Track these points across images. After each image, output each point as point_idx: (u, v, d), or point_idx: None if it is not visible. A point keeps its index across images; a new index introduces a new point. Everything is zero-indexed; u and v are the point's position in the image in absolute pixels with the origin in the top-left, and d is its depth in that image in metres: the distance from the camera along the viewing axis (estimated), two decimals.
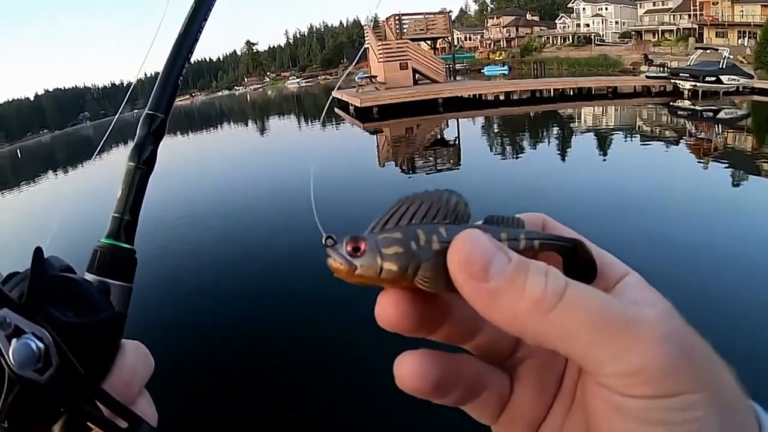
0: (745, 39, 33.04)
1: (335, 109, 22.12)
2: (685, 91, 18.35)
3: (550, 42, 50.64)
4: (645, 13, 45.43)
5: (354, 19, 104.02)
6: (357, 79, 22.36)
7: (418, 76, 22.25)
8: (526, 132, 15.59)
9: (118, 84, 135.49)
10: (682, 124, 14.57)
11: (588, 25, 50.22)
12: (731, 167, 8.94)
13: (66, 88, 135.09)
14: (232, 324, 4.49)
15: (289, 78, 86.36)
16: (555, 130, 15.27)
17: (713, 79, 17.95)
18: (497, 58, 48.78)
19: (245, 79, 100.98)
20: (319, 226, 0.23)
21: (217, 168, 13.86)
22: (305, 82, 74.54)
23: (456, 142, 14.25)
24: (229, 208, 8.52)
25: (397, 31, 22.57)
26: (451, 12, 27.99)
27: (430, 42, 25.07)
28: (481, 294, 0.19)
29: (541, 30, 54.88)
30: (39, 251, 0.27)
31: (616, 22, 49.39)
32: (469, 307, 0.20)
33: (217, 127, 33.15)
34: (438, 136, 15.44)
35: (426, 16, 24.19)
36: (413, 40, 22.87)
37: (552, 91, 20.76)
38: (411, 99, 18.41)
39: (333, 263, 0.21)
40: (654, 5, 45.07)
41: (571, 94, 20.40)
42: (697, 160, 9.96)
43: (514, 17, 57.42)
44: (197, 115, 48.77)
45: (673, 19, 41.78)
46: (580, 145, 12.27)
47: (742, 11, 34.50)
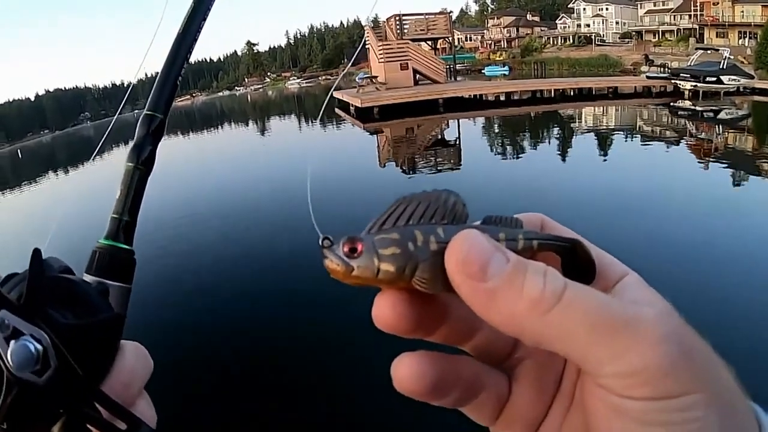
0: (746, 39, 33.05)
1: (336, 109, 22.12)
2: (686, 92, 18.34)
3: (551, 42, 50.64)
4: (645, 13, 45.42)
5: (355, 20, 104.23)
6: (357, 80, 22.41)
7: (418, 76, 22.23)
8: (527, 132, 15.58)
9: (118, 84, 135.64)
10: (682, 125, 14.56)
11: (588, 25, 50.24)
12: (731, 167, 8.94)
13: (66, 89, 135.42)
14: (232, 324, 4.48)
15: (290, 78, 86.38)
16: (556, 131, 15.27)
17: (714, 79, 17.95)
18: (498, 59, 48.73)
19: (246, 79, 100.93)
20: (315, 226, 0.22)
21: (217, 168, 13.85)
22: (306, 83, 74.51)
23: (456, 142, 14.24)
24: (229, 209, 8.52)
25: (398, 31, 22.56)
26: (451, 12, 28.09)
27: (430, 42, 25.06)
28: (479, 294, 0.19)
29: (541, 30, 54.88)
30: (37, 252, 0.27)
31: (617, 23, 49.39)
32: (466, 308, 0.20)
33: (217, 128, 33.14)
34: (439, 137, 15.42)
35: (426, 17, 24.17)
36: (414, 41, 22.84)
37: (552, 91, 20.75)
38: (411, 99, 18.39)
39: (329, 264, 0.21)
40: (654, 5, 45.06)
41: (572, 94, 20.39)
42: (697, 161, 9.95)
43: (514, 17, 57.43)
44: (198, 116, 48.76)
45: (674, 19, 41.77)
46: (580, 146, 12.26)
47: (743, 11, 34.51)
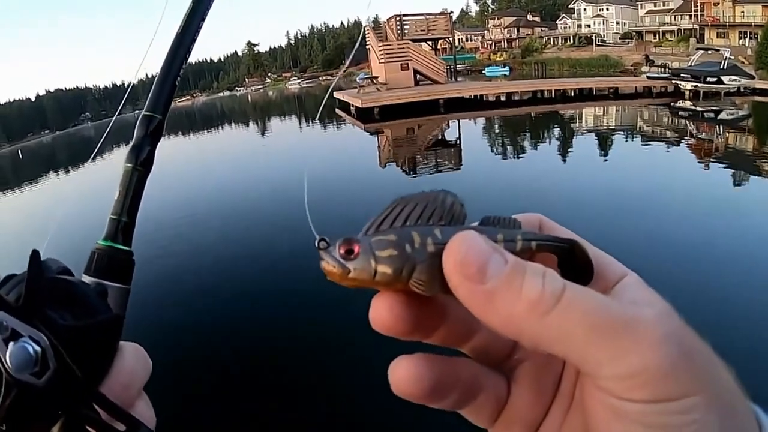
0: (746, 39, 33.07)
1: (336, 109, 22.12)
2: (686, 92, 18.35)
3: (551, 43, 50.65)
4: (646, 13, 45.42)
5: (355, 20, 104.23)
6: (358, 80, 22.40)
7: (419, 76, 22.23)
8: (528, 132, 15.58)
9: (119, 84, 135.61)
10: (683, 125, 14.56)
11: (589, 25, 50.26)
12: (732, 167, 8.95)
13: (67, 89, 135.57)
14: (232, 324, 4.49)
15: (290, 79, 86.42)
16: (556, 131, 15.27)
17: (714, 79, 17.96)
18: (498, 59, 48.72)
19: (246, 79, 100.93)
20: (312, 228, 0.22)
21: (217, 168, 13.86)
22: (306, 83, 74.56)
23: (457, 142, 14.24)
24: (229, 209, 8.52)
25: (398, 31, 22.57)
26: (452, 13, 28.09)
27: (431, 43, 25.06)
28: (477, 296, 0.19)
29: (542, 31, 54.90)
30: (36, 254, 0.27)
31: (617, 23, 49.41)
32: (464, 310, 0.20)
33: (217, 128, 33.15)
34: (439, 137, 15.42)
35: (427, 17, 24.19)
36: (414, 41, 22.85)
37: (553, 91, 20.76)
38: (412, 100, 18.40)
39: (326, 266, 0.20)
40: (655, 6, 45.06)
41: (572, 94, 20.40)
42: (697, 161, 9.96)
43: (515, 18, 57.44)
44: (198, 116, 48.79)
45: (674, 19, 41.77)
46: (581, 146, 12.26)
47: (743, 12, 34.52)
